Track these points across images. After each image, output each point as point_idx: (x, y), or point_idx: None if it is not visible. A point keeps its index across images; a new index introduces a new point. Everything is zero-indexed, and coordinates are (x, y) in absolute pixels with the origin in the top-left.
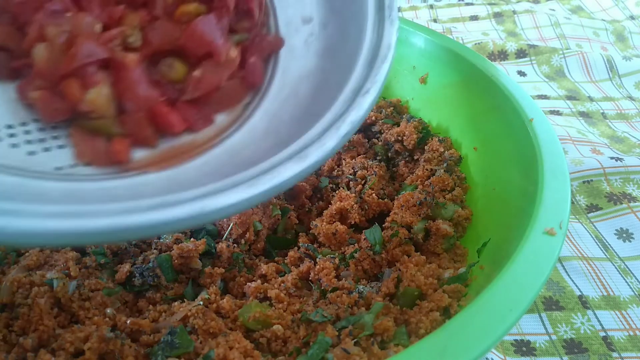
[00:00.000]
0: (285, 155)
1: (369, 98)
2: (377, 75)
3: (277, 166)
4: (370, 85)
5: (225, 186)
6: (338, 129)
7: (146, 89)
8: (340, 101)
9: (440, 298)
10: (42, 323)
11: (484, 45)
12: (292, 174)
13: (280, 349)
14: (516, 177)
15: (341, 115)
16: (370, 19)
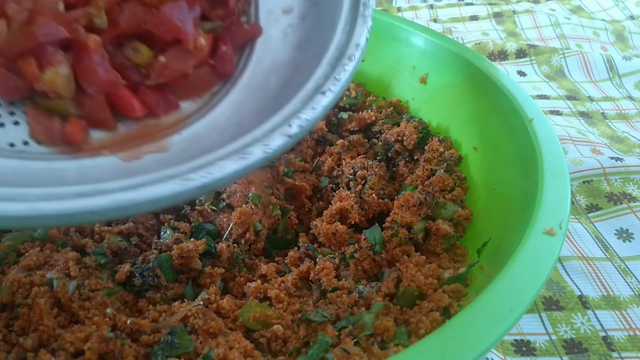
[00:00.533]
0: (228, 151)
1: (325, 98)
2: (340, 74)
3: (216, 162)
4: (330, 84)
5: (159, 178)
6: (287, 130)
7: (107, 71)
8: (298, 99)
9: (440, 298)
10: (42, 323)
11: (484, 45)
12: (226, 172)
13: (280, 349)
14: (516, 177)
15: (294, 114)
16: (344, 15)
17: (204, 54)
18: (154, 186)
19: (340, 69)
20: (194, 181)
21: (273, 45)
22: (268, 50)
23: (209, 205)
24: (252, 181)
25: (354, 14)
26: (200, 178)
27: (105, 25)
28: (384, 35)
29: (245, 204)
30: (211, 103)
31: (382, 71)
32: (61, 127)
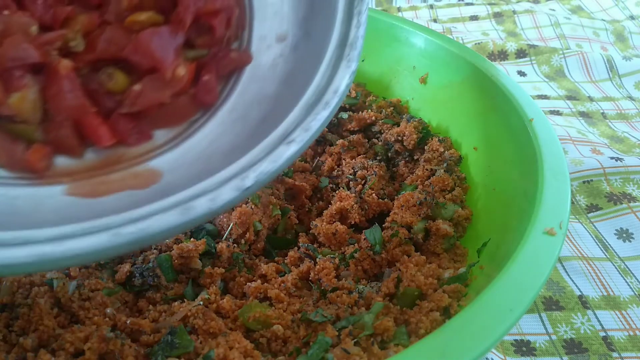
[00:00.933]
0: (172, 202)
1: (289, 150)
2: (310, 124)
3: (155, 215)
4: (297, 134)
5: (87, 229)
6: (241, 183)
7: (76, 98)
8: (262, 147)
9: (440, 298)
10: (42, 323)
11: (484, 45)
12: (160, 228)
13: (280, 349)
14: (516, 177)
15: (252, 165)
16: (329, 54)
17: (183, 84)
18: (80, 239)
19: (312, 117)
20: (124, 237)
21: (261, 75)
22: (255, 79)
23: None
24: None
25: (339, 54)
26: (129, 234)
27: (82, 48)
28: (384, 35)
29: (245, 204)
30: (187, 132)
31: (382, 71)
32: (23, 153)
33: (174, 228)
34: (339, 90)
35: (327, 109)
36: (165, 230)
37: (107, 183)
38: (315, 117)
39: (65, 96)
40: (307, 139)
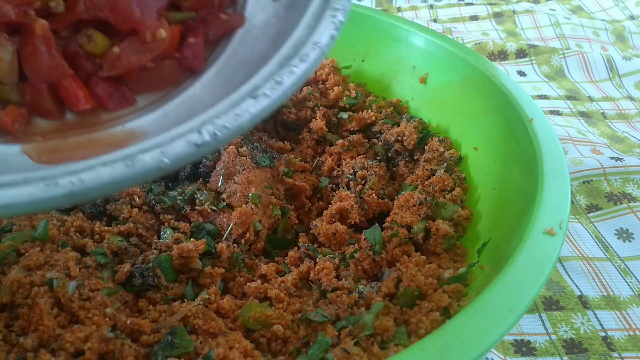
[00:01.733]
0: (119, 155)
1: (256, 104)
2: (282, 77)
3: (99, 167)
4: (267, 88)
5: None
6: (195, 137)
7: (52, 59)
8: (228, 101)
9: (440, 298)
10: (42, 323)
11: (484, 45)
12: (103, 179)
13: (280, 349)
14: (516, 177)
15: (211, 119)
16: (314, 4)
17: (166, 47)
18: (14, 188)
19: (285, 70)
20: (61, 187)
21: (252, 37)
22: (246, 42)
23: (209, 205)
24: (252, 181)
25: (324, 4)
26: (67, 185)
27: (62, 9)
28: (384, 35)
29: (245, 204)
30: (169, 95)
31: (382, 71)
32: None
33: (117, 182)
34: (320, 43)
35: (304, 63)
36: (108, 184)
37: (76, 144)
38: (290, 69)
39: (41, 57)
40: (278, 93)
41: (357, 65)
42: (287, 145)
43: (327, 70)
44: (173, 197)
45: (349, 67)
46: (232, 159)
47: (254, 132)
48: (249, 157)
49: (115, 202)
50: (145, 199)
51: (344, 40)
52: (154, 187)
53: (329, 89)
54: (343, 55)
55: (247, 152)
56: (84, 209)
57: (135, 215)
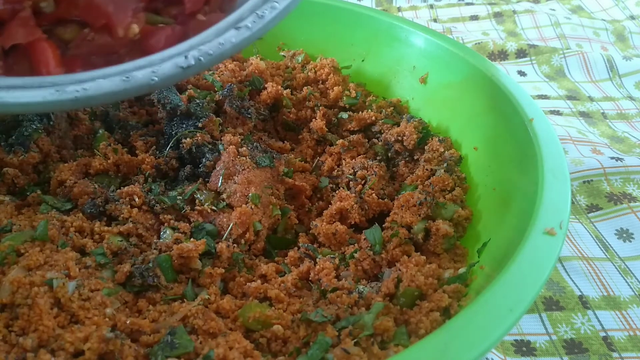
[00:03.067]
0: (116, 70)
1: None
2: (265, 11)
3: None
4: (249, 20)
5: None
6: (182, 60)
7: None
8: (214, 30)
9: (440, 298)
10: (42, 323)
11: (484, 45)
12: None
13: (280, 349)
14: (516, 177)
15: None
16: None
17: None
18: (28, 90)
19: (268, 5)
20: (68, 94)
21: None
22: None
23: (209, 205)
24: (252, 181)
25: None
26: (74, 92)
27: (51, 10)
28: (384, 35)
29: (245, 204)
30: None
31: (382, 71)
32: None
33: (115, 93)
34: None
35: (285, 0)
36: (107, 94)
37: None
38: (272, 5)
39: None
40: (258, 27)
41: (357, 65)
42: (287, 145)
43: (327, 70)
44: (173, 197)
45: (349, 67)
46: (232, 159)
47: (254, 132)
48: (249, 157)
49: (115, 202)
50: (145, 199)
51: (344, 40)
52: (153, 187)
53: (329, 89)
54: (343, 55)
55: (247, 152)
56: (83, 209)
57: (135, 215)
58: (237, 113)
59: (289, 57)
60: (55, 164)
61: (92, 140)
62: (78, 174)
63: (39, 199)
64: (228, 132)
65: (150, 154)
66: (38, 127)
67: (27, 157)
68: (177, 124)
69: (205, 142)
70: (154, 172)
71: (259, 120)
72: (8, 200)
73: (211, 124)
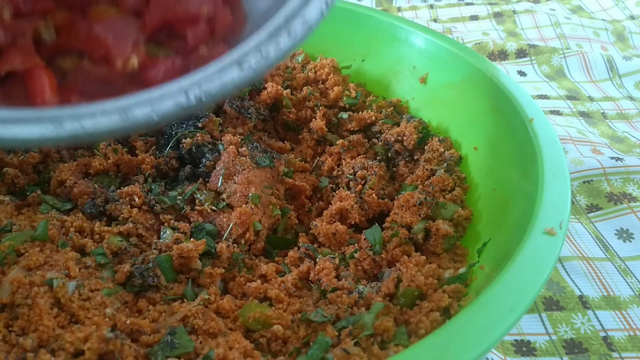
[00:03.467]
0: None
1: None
2: (270, 51)
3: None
4: (253, 59)
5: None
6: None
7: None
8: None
9: (440, 298)
10: (42, 323)
11: (484, 45)
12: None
13: (280, 349)
14: (516, 177)
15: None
16: None
17: (133, 74)
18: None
19: (272, 44)
20: (66, 130)
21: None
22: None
23: (209, 205)
24: (252, 181)
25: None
26: (71, 128)
27: (53, 39)
28: (384, 35)
29: (245, 204)
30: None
31: (382, 71)
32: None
33: (113, 131)
34: (309, 20)
35: (290, 39)
36: (105, 131)
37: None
38: (277, 45)
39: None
40: (262, 67)
41: (357, 65)
42: (287, 145)
43: (327, 70)
44: (173, 197)
45: (349, 67)
46: (232, 159)
47: (254, 132)
48: (249, 157)
49: (115, 202)
50: (145, 199)
51: (344, 40)
52: (153, 187)
53: (329, 89)
54: (343, 55)
55: (247, 152)
56: (83, 209)
57: (135, 215)
58: (237, 113)
59: (289, 57)
60: (55, 164)
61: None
62: (78, 174)
63: (39, 199)
64: (228, 132)
65: (150, 154)
66: None
67: (27, 157)
68: (177, 124)
69: (205, 142)
70: (154, 172)
71: (259, 120)
72: (8, 200)
73: (211, 124)
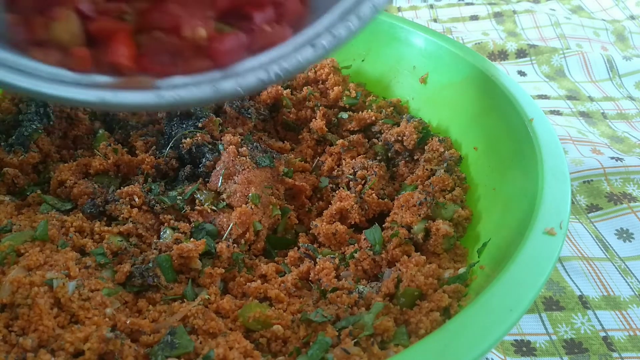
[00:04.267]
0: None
1: (315, 52)
2: (340, 31)
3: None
4: (325, 39)
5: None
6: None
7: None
8: (291, 44)
9: (440, 298)
10: (42, 323)
11: (484, 45)
12: (196, 96)
13: (280, 349)
14: (516, 177)
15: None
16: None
17: (201, 44)
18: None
19: (343, 25)
20: (165, 99)
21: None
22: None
23: (209, 205)
24: (252, 181)
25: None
26: (170, 97)
27: (131, 19)
28: (384, 35)
29: (245, 204)
30: None
31: (382, 71)
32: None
33: (204, 99)
34: (377, 5)
35: (359, 21)
36: (198, 100)
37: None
38: (347, 27)
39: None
40: (333, 46)
41: (357, 65)
42: (287, 145)
43: (327, 70)
44: (173, 197)
45: (349, 67)
46: (232, 159)
47: (254, 132)
48: (249, 157)
49: (115, 202)
50: (145, 199)
51: None
52: (153, 187)
53: (329, 89)
54: (343, 55)
55: (247, 152)
56: (83, 209)
57: (135, 215)
58: (237, 113)
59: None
60: (55, 164)
61: (92, 140)
62: (78, 174)
63: (39, 199)
64: (228, 132)
65: (150, 154)
66: (38, 127)
67: (27, 157)
68: (177, 124)
69: (205, 142)
70: (153, 172)
71: (259, 120)
72: (8, 200)
73: (211, 124)
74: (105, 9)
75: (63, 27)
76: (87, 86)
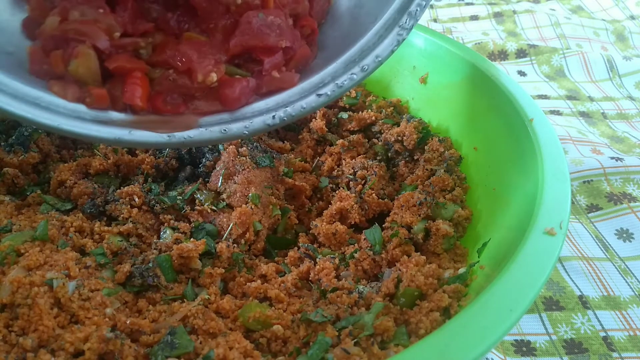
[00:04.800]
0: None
1: (318, 101)
2: (344, 82)
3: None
4: (329, 89)
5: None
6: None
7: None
8: (298, 89)
9: (440, 298)
10: (42, 323)
11: (484, 45)
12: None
13: (280, 349)
14: (516, 177)
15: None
16: (386, 16)
17: (211, 86)
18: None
19: (347, 77)
20: (176, 139)
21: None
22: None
23: (209, 205)
24: (252, 181)
25: (395, 19)
26: (181, 138)
27: (148, 55)
28: None
29: (245, 204)
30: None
31: (382, 71)
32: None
33: (213, 140)
34: (380, 58)
35: (362, 73)
36: (207, 141)
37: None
38: (350, 77)
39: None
40: (335, 95)
41: None
42: (287, 145)
43: None
44: (173, 197)
45: None
46: (232, 159)
47: None
48: (249, 157)
49: (115, 202)
50: (145, 199)
51: None
52: (153, 187)
53: None
54: None
55: (247, 152)
56: (83, 209)
57: (135, 215)
58: None
59: None
60: (55, 164)
61: None
62: (78, 174)
63: (39, 199)
64: None
65: (150, 154)
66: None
67: (27, 157)
68: None
69: None
70: (153, 172)
71: None
72: (8, 200)
73: None
74: (122, 45)
75: (82, 63)
76: (104, 123)
